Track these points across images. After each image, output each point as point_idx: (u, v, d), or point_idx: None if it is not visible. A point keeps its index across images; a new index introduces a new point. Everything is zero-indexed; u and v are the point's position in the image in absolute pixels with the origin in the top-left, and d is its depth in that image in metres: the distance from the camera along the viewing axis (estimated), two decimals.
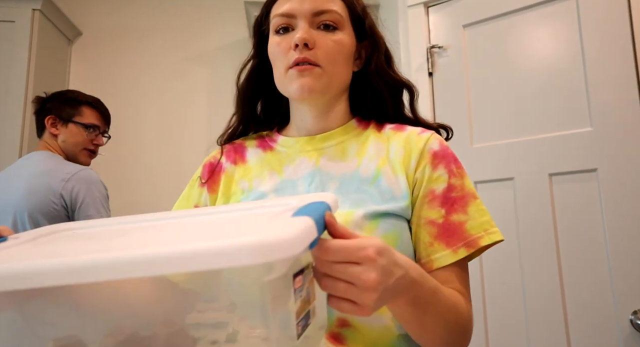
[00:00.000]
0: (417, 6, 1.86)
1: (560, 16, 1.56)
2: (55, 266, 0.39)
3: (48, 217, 1.51)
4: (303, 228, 0.41)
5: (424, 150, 0.76)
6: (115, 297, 0.46)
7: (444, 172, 0.75)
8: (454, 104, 1.74)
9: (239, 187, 0.81)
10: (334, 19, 0.76)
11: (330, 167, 0.77)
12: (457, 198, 0.74)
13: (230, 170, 0.84)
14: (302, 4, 0.75)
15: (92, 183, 1.58)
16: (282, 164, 0.80)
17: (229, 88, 3.19)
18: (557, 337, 1.43)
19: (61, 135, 1.67)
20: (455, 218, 0.73)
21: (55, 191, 1.52)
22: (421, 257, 0.73)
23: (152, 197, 2.53)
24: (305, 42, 0.73)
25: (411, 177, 0.75)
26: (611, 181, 1.40)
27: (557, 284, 1.45)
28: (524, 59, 1.62)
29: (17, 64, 2.22)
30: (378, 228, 0.70)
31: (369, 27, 0.81)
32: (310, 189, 0.76)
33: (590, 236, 1.41)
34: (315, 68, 0.74)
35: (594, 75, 1.47)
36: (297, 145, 0.81)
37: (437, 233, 0.72)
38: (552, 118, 1.53)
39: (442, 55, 1.80)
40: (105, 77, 2.64)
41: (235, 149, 0.87)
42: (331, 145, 0.80)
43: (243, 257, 0.36)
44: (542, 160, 1.52)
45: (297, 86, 0.74)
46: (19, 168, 1.63)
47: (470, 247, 0.71)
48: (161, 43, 2.69)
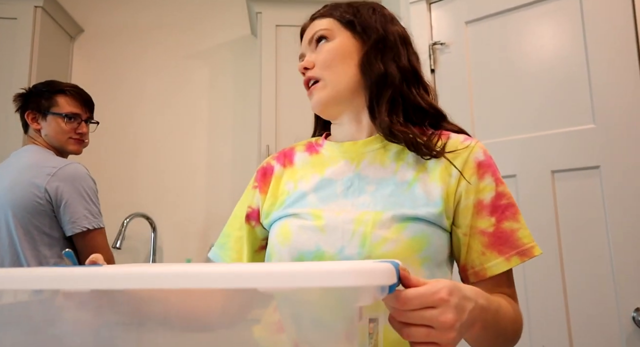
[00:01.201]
0: (420, 3, 1.86)
1: (563, 12, 1.55)
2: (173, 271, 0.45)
3: (32, 213, 1.48)
4: (390, 266, 0.47)
5: (469, 160, 0.78)
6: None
7: (490, 181, 0.77)
8: (456, 101, 1.74)
9: (285, 187, 0.86)
10: (323, 34, 0.85)
11: (369, 171, 0.81)
12: (507, 205, 0.77)
13: (279, 172, 0.89)
14: (304, 41, 0.89)
15: (77, 179, 1.53)
16: (325, 166, 0.85)
17: (230, 85, 3.20)
18: (559, 334, 1.42)
19: (43, 129, 1.62)
20: (507, 226, 0.76)
21: (40, 185, 1.48)
22: (474, 265, 0.77)
23: (153, 194, 2.53)
24: (304, 67, 0.85)
25: (453, 188, 0.76)
26: (614, 178, 1.39)
27: (559, 281, 1.44)
28: (526, 55, 1.62)
29: (19, 61, 2.22)
30: (405, 230, 0.73)
31: (361, 24, 0.85)
32: (349, 192, 0.80)
33: (592, 233, 1.41)
34: (318, 83, 0.83)
35: (597, 72, 1.46)
36: (340, 150, 0.86)
37: (489, 242, 0.75)
38: (555, 115, 1.53)
39: (445, 51, 1.79)
40: (107, 74, 2.64)
41: (285, 153, 0.93)
42: (372, 150, 0.83)
43: (348, 278, 0.42)
44: (545, 158, 1.52)
45: (312, 105, 0.85)
46: (7, 166, 1.60)
47: (524, 256, 0.75)
48: (163, 40, 2.68)
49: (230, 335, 0.51)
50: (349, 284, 0.42)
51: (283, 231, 0.80)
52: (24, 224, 1.49)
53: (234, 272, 0.43)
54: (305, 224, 0.78)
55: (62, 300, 0.50)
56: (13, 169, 1.55)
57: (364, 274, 0.43)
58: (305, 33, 0.89)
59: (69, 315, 0.50)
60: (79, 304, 0.50)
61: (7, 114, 2.17)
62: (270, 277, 0.43)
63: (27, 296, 0.50)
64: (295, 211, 0.81)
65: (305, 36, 0.88)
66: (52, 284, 0.46)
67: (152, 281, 0.45)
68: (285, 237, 0.79)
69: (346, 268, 0.43)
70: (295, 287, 0.44)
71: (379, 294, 0.46)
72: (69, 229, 1.51)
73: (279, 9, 2.33)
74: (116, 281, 0.45)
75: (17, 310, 0.50)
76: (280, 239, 0.79)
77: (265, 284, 0.43)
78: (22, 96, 1.66)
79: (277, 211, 0.84)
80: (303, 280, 0.43)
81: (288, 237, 0.78)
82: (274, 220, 0.84)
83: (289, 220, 0.80)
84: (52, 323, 0.51)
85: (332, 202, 0.79)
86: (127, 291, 0.48)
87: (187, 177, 2.56)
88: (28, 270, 0.47)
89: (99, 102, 2.16)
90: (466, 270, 0.78)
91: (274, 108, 2.26)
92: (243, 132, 2.61)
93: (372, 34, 0.83)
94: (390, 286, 0.48)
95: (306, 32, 0.89)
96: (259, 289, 0.43)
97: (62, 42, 2.54)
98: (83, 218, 1.50)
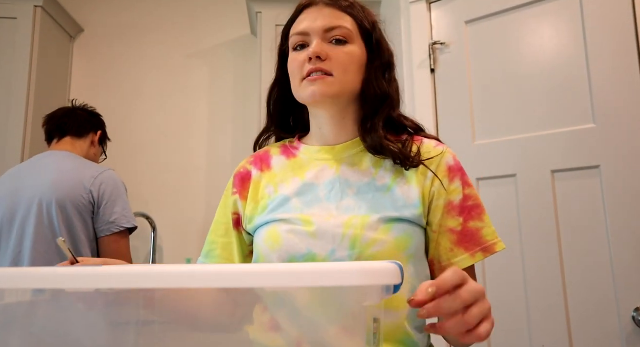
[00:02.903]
0: (420, 2, 1.86)
1: (563, 12, 1.55)
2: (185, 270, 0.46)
3: (77, 208, 1.61)
4: (395, 267, 0.49)
5: (441, 164, 0.84)
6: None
7: (459, 184, 0.83)
8: (456, 101, 1.74)
9: (265, 192, 0.88)
10: (344, 34, 0.84)
11: (349, 175, 0.84)
12: (473, 207, 0.83)
13: (257, 177, 0.90)
14: (315, 22, 0.84)
15: (117, 183, 1.72)
16: (305, 170, 0.87)
17: (230, 85, 3.20)
18: (559, 334, 1.43)
19: (93, 149, 1.88)
20: (473, 225, 0.82)
21: (86, 186, 1.64)
22: (442, 260, 0.83)
23: (153, 194, 2.53)
24: (318, 55, 0.81)
25: (428, 188, 0.82)
26: (614, 178, 1.39)
27: (559, 280, 1.45)
28: (526, 55, 1.62)
29: (19, 61, 2.22)
30: (391, 231, 0.77)
31: (377, 41, 0.87)
32: (331, 195, 0.83)
33: (592, 233, 1.41)
34: (328, 77, 0.81)
35: (597, 71, 1.46)
36: (319, 154, 0.88)
37: (457, 240, 0.82)
38: (555, 115, 1.53)
39: (445, 51, 1.80)
40: (107, 73, 2.64)
41: (261, 157, 0.94)
42: (350, 155, 0.87)
43: (355, 278, 0.43)
44: (545, 157, 1.52)
45: (310, 92, 0.82)
46: (45, 164, 1.70)
47: (487, 252, 0.81)
48: (163, 40, 2.68)
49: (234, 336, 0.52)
50: (355, 283, 0.43)
51: (272, 236, 0.81)
52: (69, 220, 1.60)
53: (239, 272, 0.44)
54: (295, 229, 0.80)
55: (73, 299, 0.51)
56: (56, 169, 1.67)
57: (370, 274, 0.44)
58: (319, 13, 0.85)
59: (79, 315, 0.51)
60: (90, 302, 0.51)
61: (8, 113, 2.18)
62: (276, 277, 0.43)
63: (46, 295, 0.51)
64: (282, 216, 0.82)
65: (321, 19, 0.84)
66: (56, 283, 0.47)
67: (154, 280, 0.45)
68: (275, 241, 0.80)
69: (352, 268, 0.44)
70: (302, 286, 0.45)
71: (384, 294, 0.47)
72: (106, 229, 1.64)
73: (279, 9, 2.33)
74: (120, 280, 0.45)
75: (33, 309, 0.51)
76: (269, 244, 0.80)
77: (272, 283, 0.43)
78: (100, 117, 1.93)
79: (261, 215, 0.85)
80: (309, 280, 0.44)
81: (278, 242, 0.79)
82: (259, 225, 0.85)
83: (276, 225, 0.82)
84: (64, 324, 0.52)
85: (317, 205, 0.82)
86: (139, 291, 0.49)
87: (187, 176, 2.56)
88: (47, 269, 0.48)
89: (99, 102, 2.17)
90: (433, 264, 0.84)
91: None
92: (243, 132, 2.61)
93: (383, 54, 0.87)
94: (395, 286, 0.49)
95: (322, 14, 0.85)
96: (265, 288, 0.43)
97: (62, 42, 2.54)
98: (122, 218, 1.67)
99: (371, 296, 0.46)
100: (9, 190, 1.65)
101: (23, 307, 0.51)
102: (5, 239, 1.61)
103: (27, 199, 1.61)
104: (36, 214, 1.59)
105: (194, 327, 0.54)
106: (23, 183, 1.65)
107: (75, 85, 2.61)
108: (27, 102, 2.20)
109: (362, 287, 0.44)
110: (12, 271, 0.47)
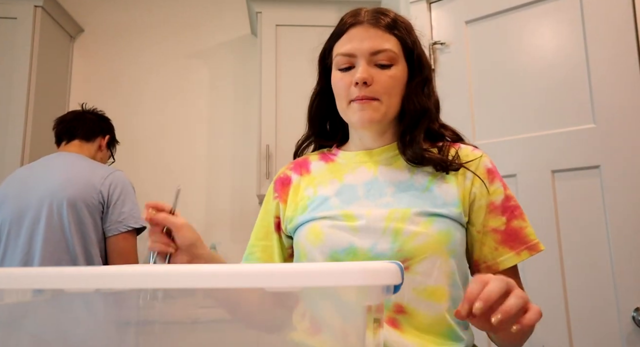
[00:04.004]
0: (420, 2, 1.86)
1: (563, 12, 1.55)
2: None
3: (88, 208, 1.63)
4: (395, 267, 0.49)
5: (479, 166, 0.86)
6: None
7: (499, 185, 0.86)
8: (456, 101, 1.74)
9: (305, 194, 0.90)
10: (389, 57, 0.85)
11: (387, 175, 0.87)
12: (514, 206, 0.86)
13: (297, 181, 0.93)
14: (362, 44, 0.85)
15: (126, 184, 1.75)
16: (343, 173, 0.90)
17: (230, 85, 3.20)
18: (559, 334, 1.43)
19: (100, 153, 1.90)
20: (516, 224, 0.84)
21: (96, 187, 1.67)
22: (487, 259, 0.84)
23: (153, 194, 2.53)
24: (365, 81, 0.83)
25: (468, 189, 0.84)
26: (614, 178, 1.39)
27: (559, 280, 1.45)
28: (526, 55, 1.62)
29: (19, 61, 2.22)
30: (433, 225, 0.79)
31: (418, 57, 0.89)
32: (370, 194, 0.84)
33: (592, 233, 1.41)
34: (374, 102, 0.84)
35: (597, 71, 1.46)
36: (357, 158, 0.91)
37: (501, 239, 0.84)
38: (555, 115, 1.53)
39: (445, 51, 1.80)
40: (107, 73, 2.64)
41: (300, 163, 0.97)
42: (388, 157, 0.89)
43: (355, 278, 0.44)
44: (545, 157, 1.52)
45: (358, 117, 0.84)
46: (55, 165, 1.72)
47: (533, 250, 0.83)
48: (163, 40, 2.68)
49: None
50: (355, 283, 0.43)
51: (313, 231, 0.83)
52: (79, 219, 1.62)
53: (241, 272, 0.44)
54: (336, 224, 0.81)
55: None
56: (66, 169, 1.70)
57: (370, 274, 0.44)
58: (365, 33, 0.85)
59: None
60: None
61: (8, 113, 2.18)
62: (277, 277, 0.43)
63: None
64: (322, 214, 0.84)
65: (367, 41, 0.84)
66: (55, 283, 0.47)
67: (154, 280, 0.45)
68: (316, 236, 0.82)
69: (352, 268, 0.44)
70: (303, 286, 0.45)
71: (384, 293, 0.47)
72: (114, 228, 1.66)
73: (279, 9, 2.33)
74: (121, 280, 0.45)
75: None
76: (311, 239, 0.82)
77: (273, 283, 0.43)
78: (107, 118, 1.94)
79: (302, 215, 0.87)
80: (310, 280, 0.44)
81: (319, 237, 0.81)
82: (299, 224, 0.86)
83: (317, 222, 0.83)
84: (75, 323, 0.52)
85: (356, 202, 0.84)
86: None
87: (187, 176, 2.56)
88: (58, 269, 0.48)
89: (99, 102, 2.17)
90: (479, 264, 0.85)
91: (274, 108, 2.26)
92: (243, 132, 2.61)
93: (424, 70, 0.89)
94: (395, 286, 0.49)
95: (368, 36, 0.85)
96: (267, 288, 0.44)
97: (62, 42, 2.54)
98: (130, 218, 1.69)
99: (371, 296, 0.46)
100: (18, 190, 1.67)
101: (23, 307, 0.50)
102: (14, 239, 1.62)
103: (37, 199, 1.62)
104: (46, 214, 1.60)
105: (249, 325, 0.55)
106: (32, 183, 1.67)
107: (75, 85, 2.61)
108: (27, 102, 2.20)
109: (360, 287, 0.45)
110: (12, 271, 0.47)
